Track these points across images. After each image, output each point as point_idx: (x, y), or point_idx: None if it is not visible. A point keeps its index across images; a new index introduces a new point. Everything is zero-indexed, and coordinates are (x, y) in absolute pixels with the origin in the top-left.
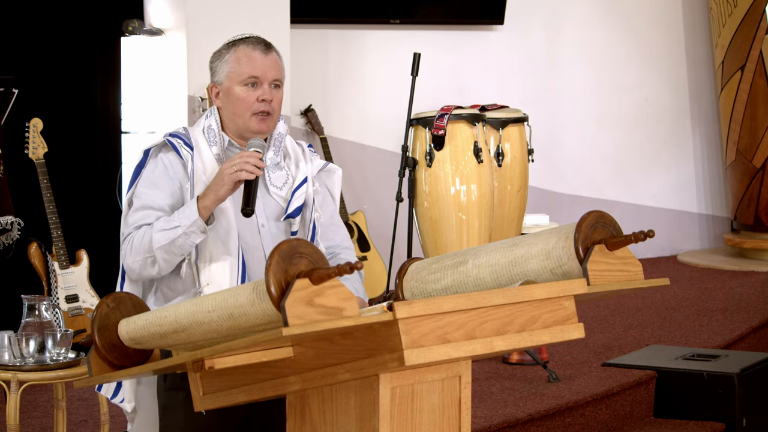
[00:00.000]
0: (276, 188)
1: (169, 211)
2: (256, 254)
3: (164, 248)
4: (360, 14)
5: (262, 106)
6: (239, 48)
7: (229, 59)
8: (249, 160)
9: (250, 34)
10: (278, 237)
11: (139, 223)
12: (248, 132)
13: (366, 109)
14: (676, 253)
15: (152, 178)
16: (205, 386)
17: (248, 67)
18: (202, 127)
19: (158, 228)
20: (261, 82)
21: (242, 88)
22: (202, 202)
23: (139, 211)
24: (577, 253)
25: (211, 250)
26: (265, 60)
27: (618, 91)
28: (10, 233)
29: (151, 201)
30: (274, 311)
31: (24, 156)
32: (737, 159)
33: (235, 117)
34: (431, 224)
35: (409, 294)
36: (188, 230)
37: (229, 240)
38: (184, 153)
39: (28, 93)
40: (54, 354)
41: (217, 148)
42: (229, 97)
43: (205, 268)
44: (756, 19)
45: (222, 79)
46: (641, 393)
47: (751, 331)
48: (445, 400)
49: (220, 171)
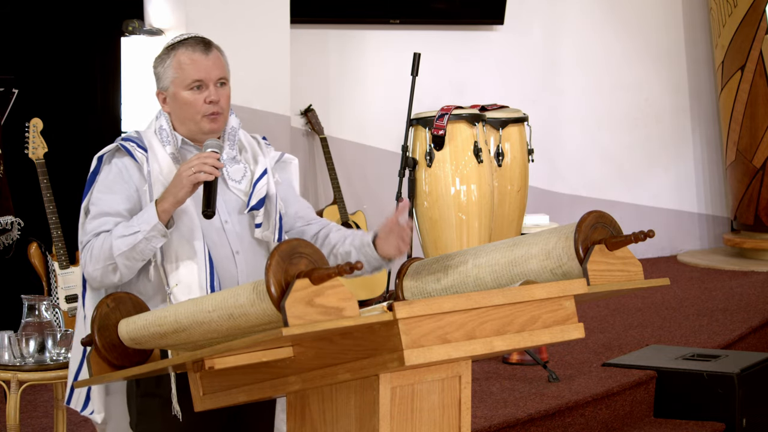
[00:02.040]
0: (235, 182)
1: (127, 216)
2: (222, 251)
3: (125, 254)
4: (360, 14)
5: (211, 108)
6: (179, 51)
7: (171, 64)
8: (207, 161)
9: (189, 35)
10: (242, 231)
11: (97, 230)
12: (201, 134)
13: (366, 109)
14: (676, 253)
15: (107, 183)
16: (205, 386)
17: (191, 70)
18: (153, 128)
19: (118, 234)
20: (206, 84)
21: (188, 93)
22: (161, 205)
23: (96, 219)
24: (577, 253)
25: (177, 250)
26: (207, 61)
27: (618, 91)
28: (10, 233)
29: (108, 207)
30: (274, 311)
31: (24, 156)
32: (737, 159)
33: (186, 121)
34: (431, 224)
35: (409, 294)
36: (149, 235)
37: (193, 239)
38: (139, 155)
39: (28, 93)
40: (54, 354)
41: (171, 147)
42: (177, 102)
43: (172, 270)
44: (756, 19)
45: (167, 85)
46: (641, 393)
47: (751, 331)
48: (445, 400)
49: (178, 173)
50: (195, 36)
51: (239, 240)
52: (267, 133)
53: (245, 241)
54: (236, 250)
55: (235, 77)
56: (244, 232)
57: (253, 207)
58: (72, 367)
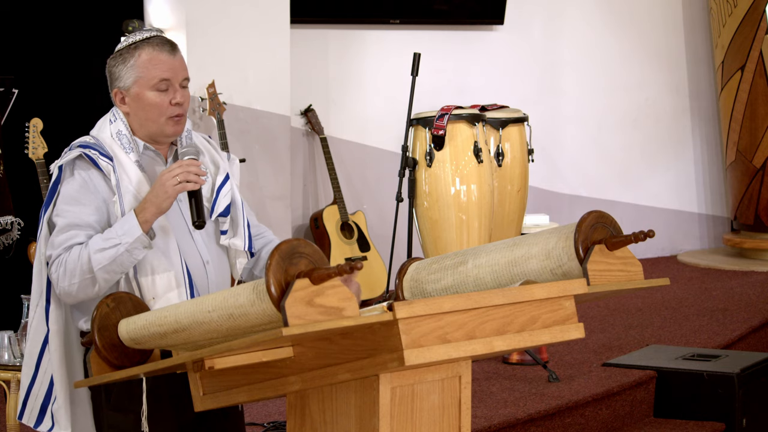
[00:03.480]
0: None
1: (97, 227)
2: (193, 261)
3: (105, 268)
4: (360, 14)
5: (176, 110)
6: (144, 50)
7: (135, 64)
8: (190, 169)
9: (151, 34)
10: (210, 238)
11: (67, 243)
12: (162, 136)
13: (366, 109)
14: (676, 253)
15: (73, 194)
16: (205, 386)
17: (158, 70)
18: (109, 133)
19: (96, 247)
20: (173, 85)
21: (153, 93)
22: (142, 215)
23: (64, 231)
24: (577, 253)
25: (152, 262)
26: (174, 61)
27: (618, 91)
28: (10, 233)
29: (77, 218)
30: (274, 311)
31: (24, 156)
32: (737, 159)
33: (148, 122)
34: (431, 224)
35: (409, 294)
36: (131, 247)
37: (169, 250)
38: (104, 165)
39: (28, 93)
40: None
41: (134, 154)
42: (140, 102)
43: (147, 283)
44: (756, 19)
45: (129, 84)
46: (641, 393)
47: (751, 331)
48: (445, 400)
49: (161, 183)
50: (158, 35)
51: (207, 249)
52: (267, 133)
53: (212, 249)
54: (206, 260)
55: (235, 77)
56: (211, 241)
57: (221, 213)
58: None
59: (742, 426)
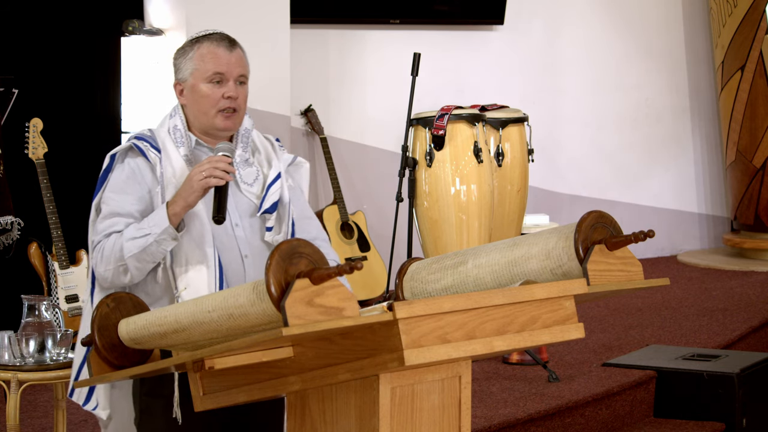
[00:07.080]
0: (247, 185)
1: (138, 216)
2: (231, 255)
3: (136, 257)
4: (360, 14)
5: (228, 103)
6: (203, 45)
7: (193, 56)
8: (218, 165)
9: (214, 30)
10: (252, 235)
11: (108, 230)
12: (214, 129)
13: (366, 109)
14: (676, 253)
15: (119, 183)
16: (205, 386)
17: (213, 63)
18: (167, 127)
19: (128, 236)
20: (226, 79)
21: (207, 85)
22: (171, 208)
23: (107, 219)
24: (577, 253)
25: (187, 253)
26: (230, 56)
27: (618, 91)
28: (10, 233)
29: (119, 207)
30: (274, 311)
31: (24, 156)
32: (737, 159)
33: (200, 115)
34: (431, 224)
35: (409, 294)
36: (159, 238)
37: (204, 243)
38: (152, 156)
39: (28, 93)
40: (54, 354)
41: (184, 149)
42: (194, 94)
43: (181, 273)
44: (756, 19)
45: (186, 76)
46: (641, 393)
47: (751, 331)
48: (445, 400)
49: (189, 177)
50: (220, 32)
51: (248, 244)
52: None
53: (254, 245)
54: (245, 254)
55: None
56: (254, 236)
57: (267, 210)
58: (75, 362)
59: (742, 426)
